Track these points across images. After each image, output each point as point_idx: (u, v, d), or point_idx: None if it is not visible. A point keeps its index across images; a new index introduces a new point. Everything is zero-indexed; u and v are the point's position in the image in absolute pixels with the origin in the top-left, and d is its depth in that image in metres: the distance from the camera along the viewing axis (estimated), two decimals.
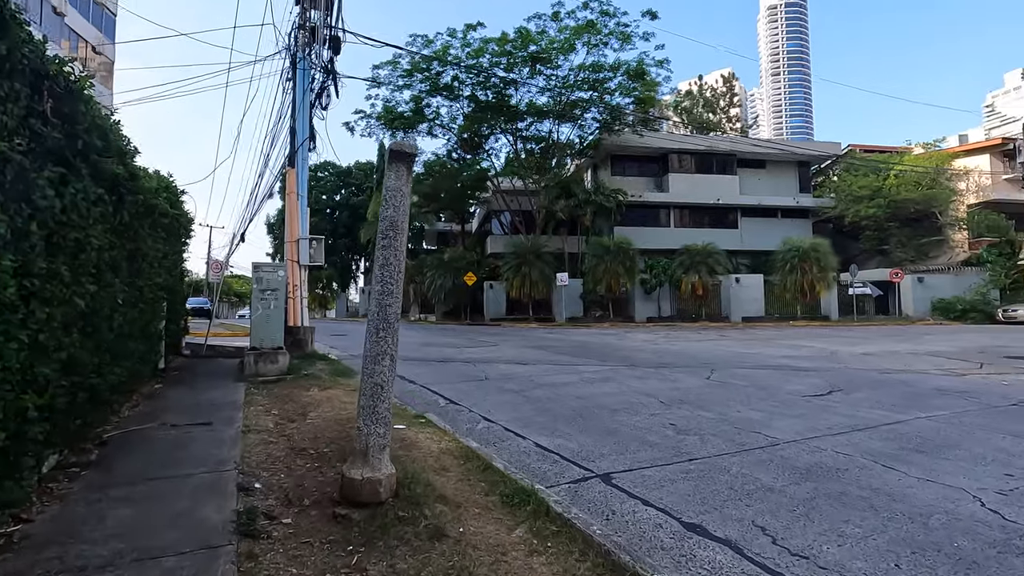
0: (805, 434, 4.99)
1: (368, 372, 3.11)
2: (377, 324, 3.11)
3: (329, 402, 5.95)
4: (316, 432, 4.61)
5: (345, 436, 4.38)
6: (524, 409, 6.11)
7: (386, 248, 3.17)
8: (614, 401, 6.54)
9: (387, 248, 3.17)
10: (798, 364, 10.24)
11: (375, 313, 3.13)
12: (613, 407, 6.20)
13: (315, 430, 4.68)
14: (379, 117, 28.95)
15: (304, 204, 9.74)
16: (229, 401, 5.90)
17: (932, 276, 26.36)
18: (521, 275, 25.84)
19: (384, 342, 3.11)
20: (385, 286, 3.14)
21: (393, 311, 3.16)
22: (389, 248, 3.17)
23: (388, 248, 3.17)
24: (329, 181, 50.37)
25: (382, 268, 3.15)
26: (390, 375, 3.17)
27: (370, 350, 3.12)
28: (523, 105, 28.79)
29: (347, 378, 7.68)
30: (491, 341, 15.34)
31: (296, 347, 8.98)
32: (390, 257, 3.16)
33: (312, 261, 9.54)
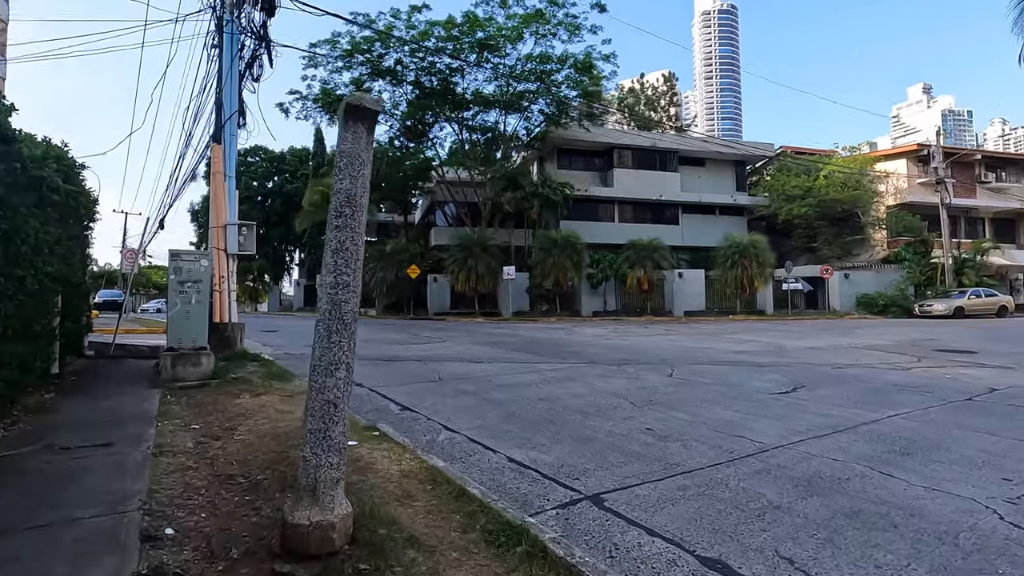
0: (789, 437, 4.72)
1: (318, 387, 2.45)
2: (329, 325, 2.45)
3: (263, 412, 5.14)
4: (248, 452, 3.85)
5: (285, 458, 3.66)
6: (488, 415, 5.54)
7: (341, 229, 2.50)
8: (582, 403, 6.10)
9: (342, 229, 2.50)
10: (752, 359, 10.24)
11: (326, 311, 2.46)
12: (583, 410, 5.75)
13: (246, 450, 3.92)
14: (316, 99, 27.30)
15: (232, 185, 8.68)
16: (138, 413, 4.97)
17: (856, 272, 27.94)
18: (467, 268, 25.15)
19: (338, 348, 2.46)
20: (339, 277, 2.47)
21: (350, 308, 2.50)
22: (344, 229, 2.50)
23: (343, 229, 2.50)
24: (261, 167, 47.52)
25: (336, 255, 2.49)
26: (345, 390, 2.52)
27: (320, 358, 2.45)
28: (469, 94, 28.01)
29: (283, 382, 6.83)
30: (438, 337, 14.64)
31: (223, 346, 7.98)
32: (345, 240, 2.50)
33: (242, 249, 8.52)
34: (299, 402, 5.59)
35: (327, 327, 2.45)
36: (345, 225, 2.50)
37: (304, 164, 48.45)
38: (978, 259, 27.24)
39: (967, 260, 26.93)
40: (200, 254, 6.79)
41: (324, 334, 2.45)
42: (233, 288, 8.56)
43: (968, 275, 26.01)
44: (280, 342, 12.74)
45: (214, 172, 8.40)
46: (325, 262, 2.51)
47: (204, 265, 6.71)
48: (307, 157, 48.45)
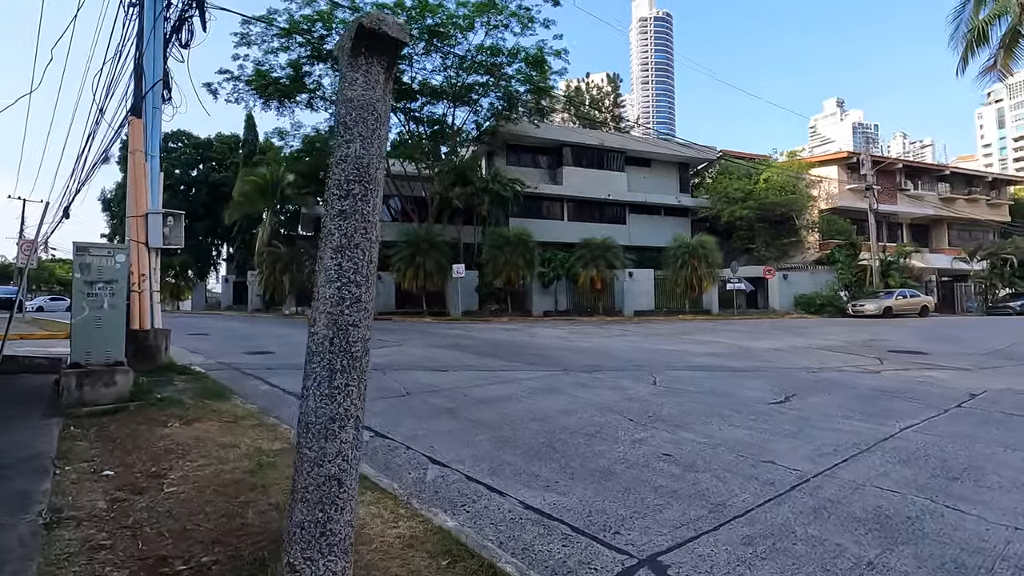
0: (819, 461, 4.25)
1: (314, 455, 1.61)
2: (331, 361, 1.61)
3: (200, 447, 4.11)
4: (186, 515, 2.88)
5: (240, 525, 2.73)
6: (477, 441, 4.75)
7: (347, 217, 1.67)
8: (577, 422, 5.42)
9: (349, 217, 1.67)
10: (725, 363, 9.98)
11: (325, 340, 1.63)
12: (581, 431, 5.08)
13: (183, 510, 2.94)
14: (249, 81, 25.17)
15: (156, 167, 7.36)
16: (28, 455, 3.82)
17: (794, 273, 29.09)
18: (415, 265, 23.99)
19: (344, 395, 1.63)
20: (346, 289, 1.65)
21: (360, 335, 1.67)
22: (353, 216, 1.67)
23: (351, 216, 1.67)
24: (185, 153, 43.94)
25: (340, 255, 1.65)
26: (354, 458, 1.69)
27: (316, 411, 1.61)
28: (416, 83, 26.79)
29: (221, 401, 5.73)
30: (391, 340, 13.59)
31: (144, 358, 6.71)
32: (354, 233, 1.67)
33: (167, 243, 7.23)
34: (245, 431, 4.59)
35: (327, 364, 1.61)
36: (354, 211, 1.67)
37: (233, 152, 45.23)
38: (901, 262, 29.06)
39: (892, 263, 28.65)
40: (115, 248, 5.55)
41: (323, 374, 1.61)
42: (156, 288, 7.26)
43: (893, 277, 27.65)
44: (212, 348, 11.30)
45: (133, 151, 7.07)
46: (323, 265, 1.67)
47: (120, 262, 5.49)
48: (237, 144, 45.31)
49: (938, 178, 36.71)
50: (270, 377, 7.67)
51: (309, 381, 1.63)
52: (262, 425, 4.90)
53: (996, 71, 15.58)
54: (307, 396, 1.63)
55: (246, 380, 7.42)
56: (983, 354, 11.87)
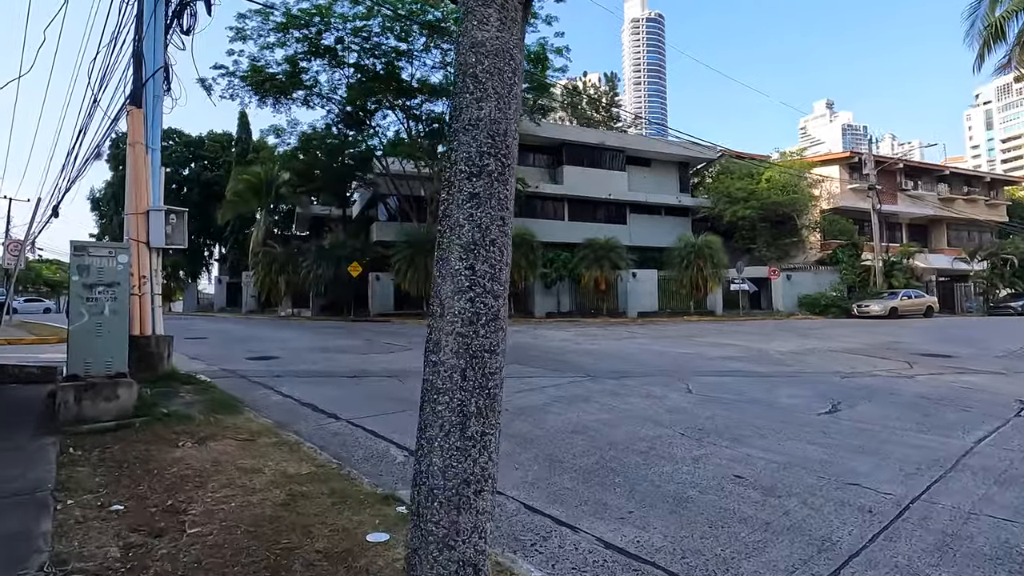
0: (908, 483, 3.86)
1: (441, 530, 1.18)
2: (463, 398, 1.18)
3: (219, 472, 3.63)
4: (217, 567, 2.41)
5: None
6: (523, 460, 4.30)
7: (480, 203, 1.26)
8: (624, 436, 4.99)
9: (482, 203, 1.26)
10: (751, 368, 9.60)
11: (457, 369, 1.18)
12: (633, 447, 4.65)
13: (214, 562, 2.47)
14: (245, 77, 24.52)
15: (157, 160, 6.85)
16: (23, 486, 3.32)
17: (797, 274, 28.85)
18: (416, 266, 23.46)
19: (481, 447, 1.20)
20: (480, 301, 1.22)
21: (498, 363, 1.24)
22: (487, 203, 1.26)
23: (488, 202, 1.26)
24: (176, 151, 43.05)
25: (473, 252, 1.22)
26: (488, 532, 1.23)
27: (445, 469, 1.18)
28: (415, 81, 26.27)
29: (234, 415, 5.24)
30: (398, 343, 13.10)
31: (146, 367, 6.20)
32: (489, 223, 1.24)
33: (170, 242, 6.72)
34: (265, 452, 4.12)
35: (459, 406, 1.17)
36: (489, 194, 1.24)
37: (226, 151, 44.45)
38: (905, 262, 28.91)
39: (895, 263, 28.48)
40: (116, 247, 5.04)
41: (453, 420, 1.17)
42: (158, 291, 6.75)
43: (897, 277, 27.48)
44: (212, 353, 10.75)
45: (133, 143, 6.54)
46: (448, 270, 1.23)
47: (122, 263, 4.98)
48: (230, 143, 44.54)
49: (937, 178, 36.71)
50: (279, 386, 7.17)
51: (433, 430, 1.18)
52: (282, 443, 4.43)
53: (1011, 68, 15.34)
54: (429, 450, 1.18)
55: (255, 390, 6.92)
56: (1005, 356, 11.59)
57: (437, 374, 1.17)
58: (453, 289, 1.18)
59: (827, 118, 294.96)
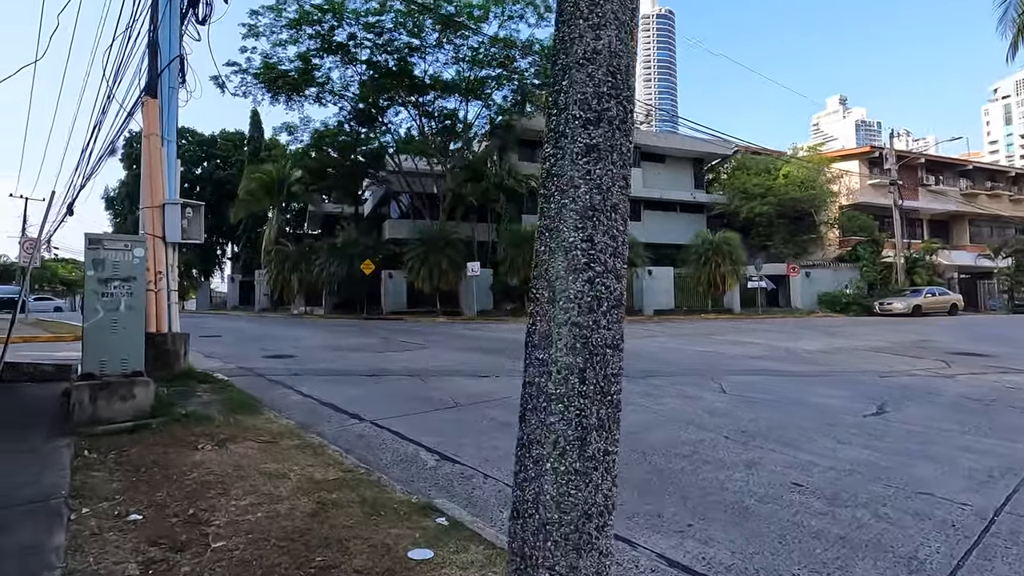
0: (983, 492, 3.57)
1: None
2: (582, 406, 0.93)
3: (242, 478, 3.40)
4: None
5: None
6: None
7: (600, 157, 1.03)
8: (665, 440, 4.71)
9: (604, 157, 1.02)
10: (780, 367, 9.26)
11: (574, 369, 0.92)
12: (677, 451, 4.37)
13: None
14: (257, 74, 24.45)
15: (173, 152, 6.65)
16: (35, 493, 3.11)
17: (816, 271, 28.29)
18: (428, 264, 23.26)
19: (604, 470, 0.98)
20: (602, 280, 1.02)
21: (618, 361, 0.97)
22: (612, 155, 1.01)
23: (609, 156, 1.02)
24: (189, 150, 43.20)
25: (592, 219, 1.01)
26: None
27: (559, 499, 0.92)
28: (428, 77, 26.06)
29: (254, 415, 5.02)
30: (415, 342, 12.88)
31: (162, 365, 6.00)
32: (611, 183, 0.99)
33: (186, 237, 6.52)
34: (289, 455, 3.89)
35: (577, 416, 0.94)
36: (611, 146, 1.00)
37: (238, 150, 44.54)
38: (927, 259, 28.25)
39: (918, 260, 27.83)
40: (132, 240, 4.83)
41: (570, 435, 0.94)
42: (174, 287, 6.55)
43: (920, 274, 26.84)
44: (228, 351, 10.59)
45: (148, 134, 6.35)
46: (559, 242, 1.01)
47: (138, 256, 4.77)
48: (242, 141, 44.61)
49: (960, 173, 35.89)
50: (298, 385, 6.96)
51: (543, 447, 0.92)
52: (306, 445, 4.19)
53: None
54: (538, 474, 0.92)
55: (273, 389, 6.72)
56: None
57: (548, 375, 0.91)
58: (567, 267, 0.92)
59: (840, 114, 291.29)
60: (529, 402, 0.96)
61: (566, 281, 0.94)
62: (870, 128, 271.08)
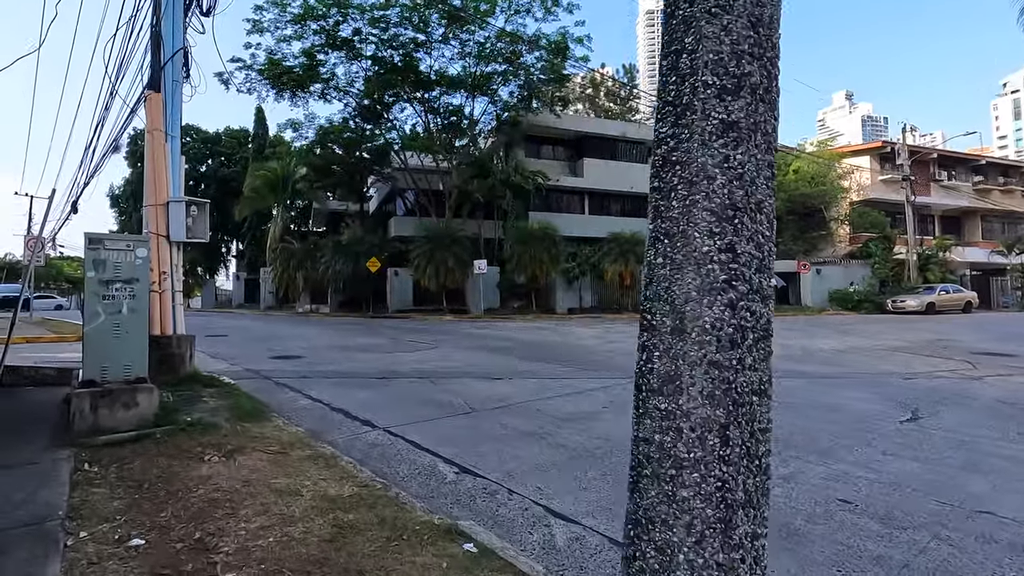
0: None
1: None
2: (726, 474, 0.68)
3: (252, 495, 3.18)
4: None
5: None
6: (590, 479, 3.81)
7: (740, 139, 0.73)
8: None
9: (746, 138, 0.73)
10: (801, 368, 8.99)
11: (712, 425, 0.68)
12: None
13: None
14: (262, 70, 24.23)
15: (177, 148, 6.44)
16: (29, 513, 2.90)
17: (826, 267, 27.92)
18: (435, 262, 23.03)
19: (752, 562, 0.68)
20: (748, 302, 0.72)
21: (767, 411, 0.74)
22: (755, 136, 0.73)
23: (752, 137, 0.73)
24: (193, 148, 43.12)
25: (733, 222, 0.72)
26: None
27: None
28: (433, 73, 25.79)
29: (262, 422, 4.81)
30: (423, 341, 12.66)
31: (166, 370, 5.80)
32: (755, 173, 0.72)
33: (191, 236, 6.31)
34: (301, 468, 3.67)
35: (717, 487, 0.67)
36: (753, 124, 0.74)
37: (242, 147, 44.41)
38: (940, 255, 27.83)
39: (931, 256, 27.42)
40: (135, 240, 4.62)
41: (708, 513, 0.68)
42: (179, 288, 6.35)
43: (933, 271, 26.44)
44: (233, 352, 10.40)
45: (151, 130, 6.13)
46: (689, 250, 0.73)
47: (141, 257, 4.56)
48: (246, 139, 44.47)
49: (973, 168, 35.37)
50: (307, 388, 6.74)
51: (671, 531, 0.68)
52: (317, 456, 3.97)
53: None
54: (666, 567, 0.68)
55: (281, 392, 6.50)
56: None
57: (676, 433, 0.67)
58: (699, 285, 0.69)
59: (846, 109, 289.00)
60: (646, 466, 0.73)
61: (699, 305, 0.70)
62: (876, 124, 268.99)
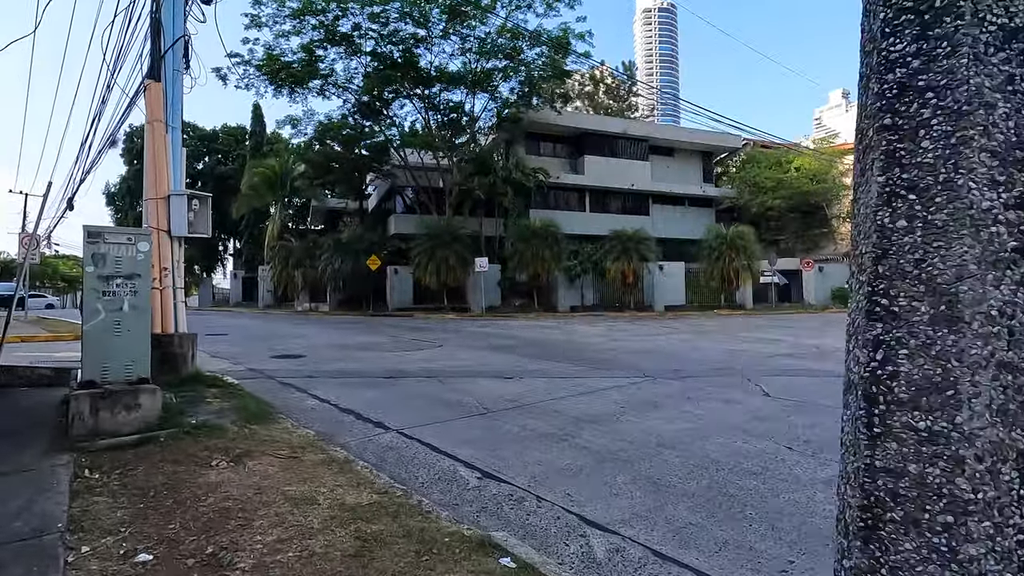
0: None
1: None
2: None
3: (266, 504, 2.97)
4: None
5: None
6: (619, 484, 3.60)
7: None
8: (721, 451, 4.27)
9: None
10: (817, 367, 8.80)
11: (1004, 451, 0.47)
12: (741, 466, 3.92)
13: None
14: (259, 66, 23.96)
15: (178, 140, 6.21)
16: (26, 526, 2.68)
17: (829, 265, 27.83)
18: (436, 259, 22.82)
19: None
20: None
21: None
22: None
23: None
24: (190, 145, 42.73)
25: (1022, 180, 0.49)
26: None
27: None
28: (434, 69, 25.57)
29: (270, 424, 4.60)
30: (427, 340, 12.46)
31: (169, 369, 5.58)
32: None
33: (193, 231, 6.09)
34: (315, 473, 3.46)
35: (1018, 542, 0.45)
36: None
37: (239, 144, 44.13)
38: None
39: None
40: (136, 233, 4.39)
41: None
42: (180, 285, 6.13)
43: None
44: (234, 351, 10.18)
45: (152, 120, 5.90)
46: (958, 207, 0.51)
47: (143, 251, 4.34)
48: (243, 136, 44.18)
49: None
50: (312, 388, 6.53)
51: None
52: (331, 460, 3.77)
53: None
54: None
55: (287, 393, 6.29)
56: None
57: (953, 463, 0.46)
58: (980, 255, 0.48)
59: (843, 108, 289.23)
60: (892, 507, 0.52)
61: (981, 284, 0.50)
62: None
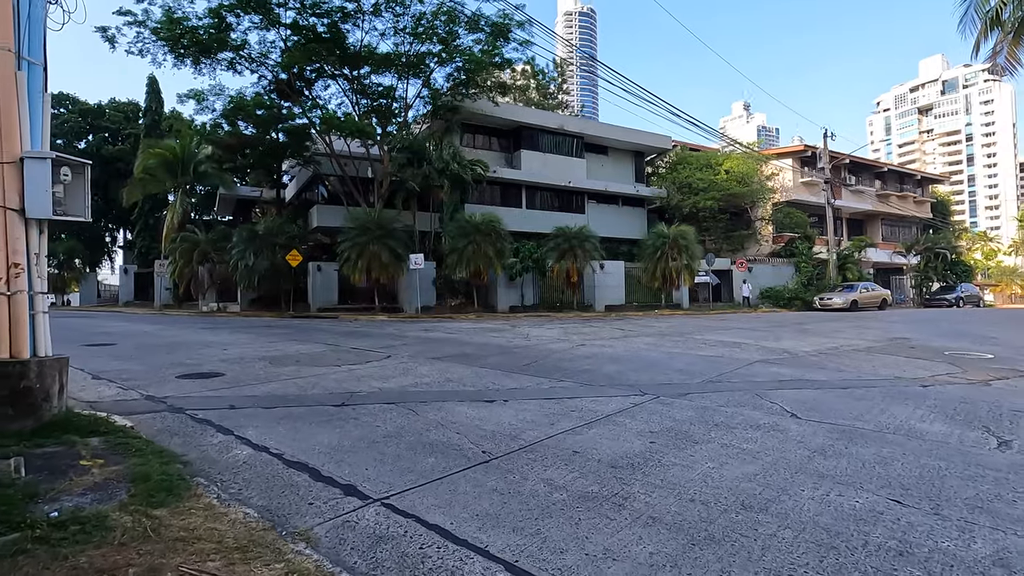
0: None
1: None
2: None
3: None
4: None
5: None
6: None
7: None
8: (831, 518, 3.28)
9: None
10: (806, 375, 8.26)
11: None
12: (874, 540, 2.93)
13: None
14: (156, 30, 20.80)
15: (39, 82, 4.36)
16: None
17: (757, 266, 28.77)
18: (367, 255, 20.89)
19: None
20: None
21: None
22: None
23: None
24: (70, 121, 37.32)
25: None
26: None
27: None
28: (362, 48, 23.51)
29: (184, 503, 3.04)
30: (369, 347, 10.81)
31: (21, 414, 3.78)
32: None
33: (62, 212, 4.27)
34: None
35: None
36: None
37: (131, 122, 39.16)
38: (856, 255, 29.57)
39: (848, 256, 29.04)
40: None
41: None
42: (42, 287, 4.28)
43: (851, 270, 27.99)
44: (126, 368, 8.06)
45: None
46: None
47: None
48: (136, 113, 39.26)
49: (875, 175, 38.25)
50: (241, 426, 4.89)
51: None
52: (295, 574, 2.35)
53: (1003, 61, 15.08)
54: None
55: (205, 436, 4.61)
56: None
57: None
58: None
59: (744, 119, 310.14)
60: None
61: None
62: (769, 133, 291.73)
